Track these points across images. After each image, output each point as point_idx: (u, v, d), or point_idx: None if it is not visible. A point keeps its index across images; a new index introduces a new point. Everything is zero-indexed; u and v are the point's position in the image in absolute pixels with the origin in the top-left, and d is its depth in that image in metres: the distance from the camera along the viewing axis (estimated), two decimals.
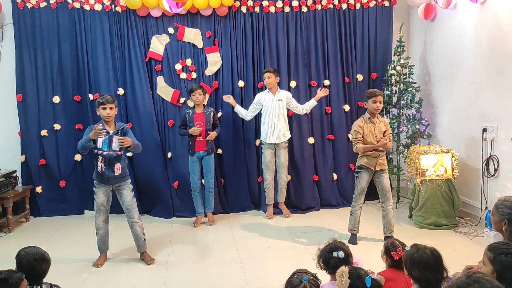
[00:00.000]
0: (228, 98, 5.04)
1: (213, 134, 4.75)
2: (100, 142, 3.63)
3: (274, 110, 4.91)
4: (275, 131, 4.91)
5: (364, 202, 4.31)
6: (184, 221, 5.09)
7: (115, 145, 3.65)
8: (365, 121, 4.08)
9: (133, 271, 3.69)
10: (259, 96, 5.01)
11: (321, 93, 4.98)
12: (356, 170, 4.20)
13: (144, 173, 5.25)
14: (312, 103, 5.04)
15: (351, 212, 4.23)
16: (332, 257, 2.29)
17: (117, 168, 3.68)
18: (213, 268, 3.72)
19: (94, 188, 3.75)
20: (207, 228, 4.83)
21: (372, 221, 4.74)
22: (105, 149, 3.64)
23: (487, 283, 1.46)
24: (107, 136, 3.65)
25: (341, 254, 2.27)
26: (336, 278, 1.95)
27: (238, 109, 5.06)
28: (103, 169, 3.65)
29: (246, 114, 5.06)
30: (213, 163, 4.85)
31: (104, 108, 3.63)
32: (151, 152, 5.19)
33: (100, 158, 3.65)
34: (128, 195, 3.78)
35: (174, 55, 5.27)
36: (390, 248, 2.44)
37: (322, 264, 2.33)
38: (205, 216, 4.99)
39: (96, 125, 3.56)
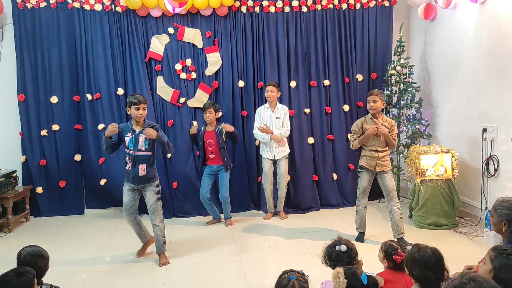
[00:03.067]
0: (267, 130, 4.77)
1: (229, 127, 4.72)
2: (127, 141, 3.67)
3: (273, 128, 4.85)
4: (273, 148, 4.89)
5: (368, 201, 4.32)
6: (184, 221, 5.10)
7: (141, 144, 3.66)
8: (366, 121, 4.07)
9: (133, 271, 3.69)
10: (259, 111, 4.96)
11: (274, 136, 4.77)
12: (358, 169, 4.20)
13: None
14: (283, 134, 4.84)
15: (356, 211, 4.26)
16: (335, 250, 2.31)
17: (142, 169, 3.67)
18: (213, 268, 3.72)
19: (123, 186, 3.80)
20: (207, 228, 4.83)
21: (372, 221, 4.73)
22: (131, 148, 3.66)
23: (483, 282, 1.48)
24: (133, 135, 3.66)
25: (344, 247, 2.28)
26: (333, 280, 1.95)
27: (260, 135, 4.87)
28: (130, 168, 3.68)
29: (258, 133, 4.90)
30: (228, 177, 4.80)
31: (138, 108, 3.62)
32: None
33: (127, 156, 3.69)
34: (151, 197, 3.76)
35: (174, 55, 5.26)
36: (390, 252, 2.42)
37: (326, 259, 2.34)
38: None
39: (113, 123, 3.60)
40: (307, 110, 5.48)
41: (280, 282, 1.93)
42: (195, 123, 5.11)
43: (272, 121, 4.88)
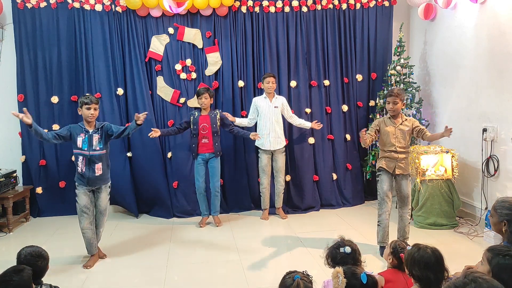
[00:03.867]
0: (228, 116, 4.92)
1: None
2: (80, 141, 3.62)
3: (270, 117, 4.89)
4: (270, 138, 4.89)
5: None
6: (184, 221, 5.10)
7: (95, 143, 3.65)
8: (385, 122, 3.88)
9: (133, 271, 3.69)
10: (256, 101, 4.98)
11: (315, 125, 5.07)
12: (377, 173, 3.97)
13: (143, 173, 5.24)
14: (306, 125, 5.09)
15: (378, 222, 3.89)
16: (339, 252, 2.30)
17: (98, 168, 3.65)
18: (213, 268, 3.72)
19: (76, 190, 3.72)
20: (207, 228, 4.82)
21: (372, 221, 4.72)
22: (85, 149, 3.62)
23: (484, 283, 1.47)
24: (86, 135, 3.63)
25: (348, 249, 2.28)
26: (332, 280, 1.94)
27: (240, 121, 5.03)
28: (83, 170, 3.62)
29: (249, 122, 5.04)
30: (219, 166, 4.79)
31: (89, 108, 3.60)
32: (150, 152, 5.19)
33: (80, 158, 3.63)
34: (104, 199, 3.77)
35: (174, 55, 5.26)
36: (399, 249, 2.43)
37: (329, 261, 2.34)
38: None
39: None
40: (307, 110, 5.48)
41: (284, 282, 1.92)
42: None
43: (271, 111, 4.90)
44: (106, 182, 3.77)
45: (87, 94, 4.01)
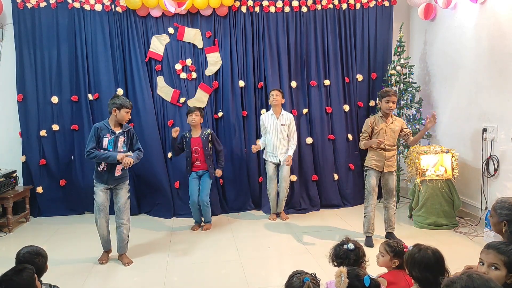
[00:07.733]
0: (253, 148, 4.94)
1: (218, 172, 4.73)
2: (106, 142, 3.63)
3: (278, 135, 4.88)
4: (277, 154, 4.90)
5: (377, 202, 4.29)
6: (185, 221, 5.09)
7: (120, 145, 3.67)
8: (375, 121, 4.06)
9: (133, 271, 3.69)
10: (263, 119, 4.97)
11: (288, 161, 4.85)
12: (365, 168, 4.17)
13: (144, 173, 5.25)
14: (289, 153, 4.92)
15: (364, 214, 4.14)
16: (342, 248, 2.33)
17: (118, 170, 3.68)
18: (213, 268, 3.71)
19: (94, 188, 3.74)
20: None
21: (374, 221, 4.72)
22: (110, 149, 3.64)
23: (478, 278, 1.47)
24: (113, 137, 3.64)
25: (351, 246, 2.30)
26: (335, 279, 1.94)
27: (261, 143, 5.03)
28: (104, 169, 3.64)
29: (263, 142, 5.02)
30: (210, 183, 4.70)
31: (128, 112, 3.66)
32: (151, 152, 5.19)
33: None
34: (123, 196, 3.76)
35: (174, 55, 5.26)
36: (398, 249, 2.43)
37: (333, 258, 2.34)
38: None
39: (127, 154, 3.64)
40: (307, 110, 5.48)
41: (292, 283, 1.89)
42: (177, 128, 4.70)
43: (277, 128, 4.87)
44: (124, 180, 3.78)
45: (124, 96, 4.04)
